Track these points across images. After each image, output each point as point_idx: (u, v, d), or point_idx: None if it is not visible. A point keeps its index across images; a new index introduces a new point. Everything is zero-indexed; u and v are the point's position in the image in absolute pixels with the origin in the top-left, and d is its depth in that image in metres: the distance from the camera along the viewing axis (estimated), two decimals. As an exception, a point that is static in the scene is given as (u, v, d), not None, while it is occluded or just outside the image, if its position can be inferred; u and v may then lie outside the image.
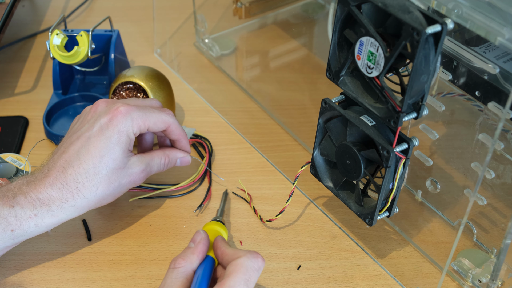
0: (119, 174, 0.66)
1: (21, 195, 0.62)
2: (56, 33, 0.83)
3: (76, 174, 0.64)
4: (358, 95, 0.62)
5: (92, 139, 0.65)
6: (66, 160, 0.64)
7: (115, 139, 0.65)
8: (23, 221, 0.62)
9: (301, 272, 0.69)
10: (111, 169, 0.65)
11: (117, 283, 0.67)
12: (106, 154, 0.64)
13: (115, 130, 0.65)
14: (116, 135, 0.65)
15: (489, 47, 0.64)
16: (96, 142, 0.64)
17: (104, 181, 0.65)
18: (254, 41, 1.01)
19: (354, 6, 0.57)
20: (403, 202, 0.74)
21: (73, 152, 0.64)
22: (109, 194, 0.66)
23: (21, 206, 0.62)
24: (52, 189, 0.63)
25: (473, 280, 0.66)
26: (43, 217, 0.63)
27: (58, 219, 0.64)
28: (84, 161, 0.64)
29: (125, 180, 0.66)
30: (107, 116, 0.66)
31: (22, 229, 0.62)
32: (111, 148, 0.65)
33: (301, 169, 0.70)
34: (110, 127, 0.65)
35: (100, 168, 0.64)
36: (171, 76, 0.89)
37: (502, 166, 0.67)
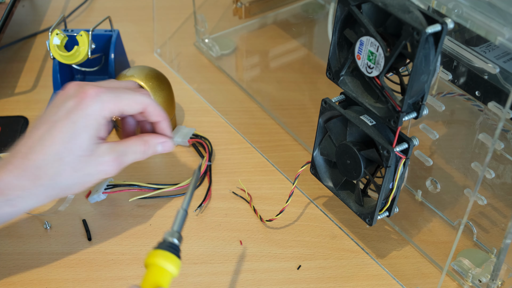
0: (86, 162, 0.60)
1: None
2: (56, 33, 0.83)
3: (38, 160, 0.59)
4: (358, 95, 0.62)
5: (57, 124, 0.59)
6: (29, 146, 0.59)
7: (82, 123, 0.59)
8: None
9: (301, 272, 0.69)
10: (76, 156, 0.59)
11: (117, 283, 0.67)
12: (71, 139, 0.59)
13: (82, 113, 0.59)
14: (83, 119, 0.59)
15: (489, 47, 0.64)
16: (60, 126, 0.59)
17: (67, 169, 0.59)
18: (254, 41, 1.01)
19: (354, 5, 0.57)
20: (403, 202, 0.74)
21: (36, 138, 0.60)
22: (74, 184, 0.60)
23: None
24: (12, 176, 0.58)
25: (473, 280, 0.66)
26: (1, 207, 0.59)
27: (17, 209, 0.59)
28: (47, 146, 0.59)
29: (93, 169, 0.61)
30: (75, 99, 0.60)
31: None
32: (77, 134, 0.59)
33: (301, 169, 0.70)
34: (77, 111, 0.59)
35: (63, 155, 0.59)
36: (171, 76, 0.89)
37: (502, 166, 0.67)
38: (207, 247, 0.71)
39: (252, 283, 0.67)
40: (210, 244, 0.71)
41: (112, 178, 0.76)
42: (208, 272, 0.68)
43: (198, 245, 0.71)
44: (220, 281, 0.68)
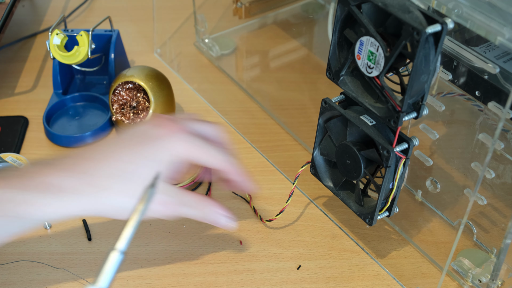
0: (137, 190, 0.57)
1: (38, 178, 0.56)
2: (56, 33, 0.83)
3: (102, 170, 0.57)
4: (358, 94, 0.62)
5: (134, 144, 0.58)
6: (101, 154, 0.58)
7: (158, 156, 0.58)
8: (28, 207, 0.56)
9: (301, 272, 0.69)
10: (138, 182, 0.57)
11: (117, 283, 0.67)
12: (139, 165, 0.57)
13: (163, 146, 0.58)
14: (161, 152, 0.58)
15: (489, 47, 0.64)
16: (136, 148, 0.58)
17: (124, 189, 0.57)
18: (254, 41, 1.01)
19: (354, 5, 0.57)
20: (403, 202, 0.74)
21: (109, 149, 0.58)
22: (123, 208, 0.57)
23: (28, 191, 0.56)
24: (71, 178, 0.56)
25: (473, 280, 0.66)
26: (48, 205, 0.56)
27: (65, 211, 0.56)
28: (116, 161, 0.57)
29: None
30: (164, 130, 0.59)
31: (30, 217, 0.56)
32: (147, 162, 0.57)
33: (301, 169, 0.70)
34: (159, 141, 0.58)
35: (125, 175, 0.57)
36: (171, 76, 0.89)
37: (502, 166, 0.67)
38: (207, 247, 0.71)
39: (252, 283, 0.67)
40: (210, 244, 0.71)
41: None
42: (208, 272, 0.68)
43: (198, 245, 0.71)
44: (220, 281, 0.68)
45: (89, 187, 0.56)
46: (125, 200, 0.57)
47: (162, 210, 0.59)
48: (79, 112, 0.88)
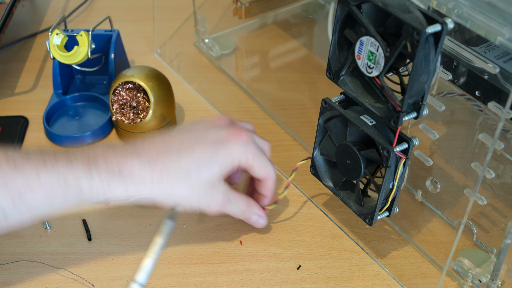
0: (203, 190, 0.62)
1: (102, 160, 0.60)
2: (56, 33, 0.83)
3: (169, 162, 0.61)
4: (358, 94, 0.62)
5: (201, 143, 0.62)
6: (166, 146, 0.62)
7: (223, 157, 0.62)
8: (94, 189, 0.59)
9: (301, 272, 0.69)
10: (201, 180, 0.62)
11: (117, 283, 0.67)
12: (206, 164, 0.61)
13: (228, 149, 0.62)
14: (225, 155, 0.62)
15: (489, 47, 0.64)
16: (204, 147, 0.62)
17: (188, 184, 0.61)
18: (254, 41, 1.01)
19: (354, 5, 0.57)
20: (403, 202, 0.74)
21: (177, 143, 0.62)
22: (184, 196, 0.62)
23: (98, 172, 0.59)
24: (137, 164, 0.60)
25: (473, 280, 0.66)
26: (115, 192, 0.60)
27: (128, 195, 0.60)
28: (183, 156, 0.61)
29: (204, 199, 0.63)
30: (229, 132, 0.64)
31: (90, 196, 0.59)
32: (214, 162, 0.62)
33: (300, 162, 0.70)
34: (225, 144, 0.63)
35: (192, 172, 0.61)
36: (171, 76, 0.89)
37: (502, 166, 0.67)
38: (207, 247, 0.71)
39: (252, 283, 0.67)
40: (210, 244, 0.71)
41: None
42: (208, 272, 0.68)
43: (198, 245, 0.71)
44: (220, 281, 0.68)
45: (158, 177, 0.60)
46: (185, 194, 0.62)
47: (215, 207, 0.64)
48: (79, 112, 0.88)
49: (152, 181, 0.61)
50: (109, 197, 0.60)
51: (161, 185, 0.61)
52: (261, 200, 0.70)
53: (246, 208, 0.67)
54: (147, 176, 0.60)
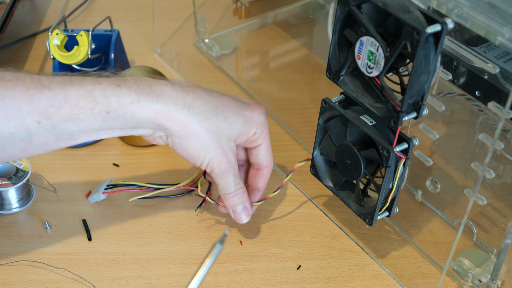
0: (222, 140, 0.63)
1: (132, 79, 0.59)
2: (56, 33, 0.83)
3: (201, 95, 0.62)
4: (358, 94, 0.62)
5: (227, 95, 0.65)
6: (198, 86, 0.63)
7: (245, 116, 0.64)
8: (123, 104, 0.58)
9: (301, 272, 0.69)
10: (226, 125, 0.63)
11: (117, 283, 0.67)
12: (232, 114, 0.63)
13: (250, 112, 0.65)
14: (248, 116, 0.64)
15: (489, 46, 0.64)
16: (230, 100, 0.64)
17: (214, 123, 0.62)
18: (254, 41, 1.01)
19: (354, 5, 0.57)
20: (403, 202, 0.74)
21: (207, 89, 0.64)
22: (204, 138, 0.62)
23: (128, 88, 0.58)
24: (169, 87, 0.60)
25: (473, 280, 0.66)
26: (144, 106, 0.59)
27: (156, 116, 0.59)
28: (214, 97, 0.63)
29: (220, 153, 0.63)
30: (249, 101, 0.67)
31: (117, 114, 0.58)
32: (238, 115, 0.63)
33: (298, 164, 0.70)
34: (247, 107, 0.65)
35: (220, 113, 0.62)
36: (171, 76, 0.89)
37: (502, 166, 0.67)
38: (207, 247, 0.71)
39: (252, 283, 0.67)
40: (210, 244, 0.71)
41: (112, 178, 0.76)
42: (208, 272, 0.68)
43: (198, 245, 0.71)
44: (220, 281, 0.68)
45: (189, 104, 0.61)
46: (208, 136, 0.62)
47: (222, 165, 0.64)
48: (79, 112, 0.87)
49: (184, 105, 0.60)
50: (137, 116, 0.59)
51: (190, 112, 0.60)
52: (251, 195, 0.69)
53: (240, 190, 0.66)
54: (179, 99, 0.60)
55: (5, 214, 0.73)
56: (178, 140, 0.62)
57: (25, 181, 0.72)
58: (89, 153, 0.81)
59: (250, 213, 0.68)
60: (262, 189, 0.70)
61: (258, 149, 0.67)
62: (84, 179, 0.78)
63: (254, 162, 0.69)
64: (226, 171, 0.64)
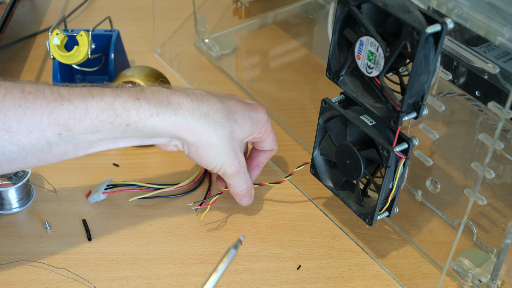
0: (234, 144, 0.65)
1: (150, 91, 0.61)
2: (56, 33, 0.83)
3: (214, 104, 0.64)
4: (358, 94, 0.62)
5: (233, 98, 0.67)
6: (207, 91, 0.65)
7: (252, 118, 0.66)
8: (143, 118, 0.60)
9: (301, 272, 0.69)
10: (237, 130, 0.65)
11: (117, 283, 0.67)
12: (240, 117, 0.65)
13: (256, 113, 0.67)
14: (255, 117, 0.67)
15: (489, 47, 0.64)
16: (237, 103, 0.66)
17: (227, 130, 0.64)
18: (254, 41, 1.01)
19: (354, 5, 0.57)
20: (403, 202, 0.74)
21: (214, 93, 0.66)
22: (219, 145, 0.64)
23: (148, 101, 0.60)
24: (185, 97, 0.62)
25: (473, 280, 0.66)
26: (164, 119, 0.61)
27: (174, 127, 0.62)
28: (222, 101, 0.65)
29: (232, 156, 0.65)
30: (251, 101, 0.69)
31: (136, 127, 0.60)
32: (245, 117, 0.66)
33: (297, 168, 0.71)
34: (252, 108, 0.67)
35: (229, 116, 0.64)
36: (171, 76, 0.89)
37: (502, 166, 0.67)
38: (207, 247, 0.71)
39: (252, 283, 0.67)
40: (210, 244, 0.71)
41: (112, 178, 0.76)
42: (208, 272, 0.68)
43: (198, 245, 0.71)
44: (220, 281, 0.67)
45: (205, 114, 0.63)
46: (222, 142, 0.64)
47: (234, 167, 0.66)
48: (79, 112, 0.87)
49: (201, 115, 0.62)
50: (156, 129, 0.61)
51: (206, 122, 0.63)
52: (250, 171, 0.72)
53: (250, 185, 0.70)
54: (196, 109, 0.62)
55: (5, 214, 0.73)
56: (195, 148, 0.64)
57: (25, 181, 0.72)
58: (89, 153, 0.81)
59: (253, 197, 0.72)
60: (262, 166, 0.73)
61: (264, 142, 0.70)
62: (84, 179, 0.78)
63: (259, 148, 0.72)
64: (238, 171, 0.67)
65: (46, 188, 0.76)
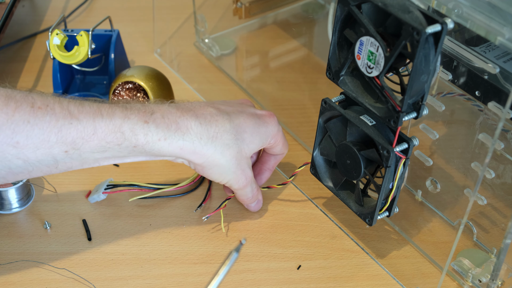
0: (242, 161, 0.66)
1: (159, 114, 0.61)
2: (56, 33, 0.83)
3: (223, 125, 0.64)
4: (358, 94, 0.62)
5: (243, 112, 0.67)
6: (218, 108, 0.65)
7: (262, 133, 0.67)
8: (150, 142, 0.61)
9: (301, 272, 0.69)
10: (244, 148, 0.65)
11: (117, 283, 0.67)
12: (248, 134, 0.66)
13: (265, 127, 0.67)
14: (264, 131, 0.67)
15: (489, 46, 0.64)
16: (247, 117, 0.66)
17: (235, 150, 0.65)
18: (254, 41, 1.01)
19: (354, 5, 0.57)
20: (403, 202, 0.74)
21: (224, 108, 0.66)
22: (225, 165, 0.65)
23: (156, 125, 0.61)
24: (194, 122, 0.63)
25: (473, 280, 0.66)
26: (171, 143, 0.61)
27: (181, 151, 0.62)
28: (231, 120, 0.65)
29: (239, 173, 0.66)
30: (262, 112, 0.69)
31: (143, 149, 0.61)
32: (254, 134, 0.66)
33: (298, 169, 0.71)
34: (262, 121, 0.67)
35: (237, 136, 0.65)
36: (171, 76, 0.89)
37: (502, 166, 0.67)
38: (207, 247, 0.71)
39: (252, 283, 0.67)
40: (210, 244, 0.71)
41: (112, 178, 0.76)
42: (208, 272, 0.68)
43: (198, 245, 0.71)
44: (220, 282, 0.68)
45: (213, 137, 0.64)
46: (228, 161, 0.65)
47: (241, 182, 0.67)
48: (79, 112, 0.87)
49: (208, 138, 0.63)
50: (162, 152, 0.62)
51: (214, 144, 0.63)
52: (260, 175, 0.73)
53: (256, 192, 0.70)
54: (204, 133, 0.63)
55: (5, 214, 0.73)
56: (200, 168, 0.65)
57: (25, 181, 0.72)
58: (89, 153, 0.81)
59: (261, 203, 0.73)
60: (272, 170, 0.74)
61: (274, 148, 0.71)
62: (84, 179, 0.78)
63: (269, 153, 0.73)
64: (244, 186, 0.68)
65: (46, 188, 0.76)
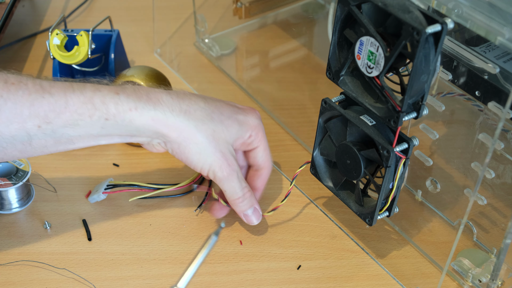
0: (220, 144, 0.64)
1: (131, 88, 0.62)
2: (56, 33, 0.83)
3: (196, 102, 0.63)
4: (358, 94, 0.62)
5: (222, 102, 0.66)
6: (192, 93, 0.65)
7: (240, 121, 0.65)
8: (122, 112, 0.60)
9: (301, 272, 0.69)
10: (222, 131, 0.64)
11: (117, 283, 0.67)
12: (227, 118, 0.64)
13: (244, 117, 0.66)
14: (243, 120, 0.66)
15: (489, 46, 0.64)
16: (225, 105, 0.66)
17: (210, 127, 0.63)
18: (254, 41, 1.01)
19: (354, 5, 0.57)
20: (403, 202, 0.74)
21: (202, 96, 0.65)
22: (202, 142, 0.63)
23: (127, 95, 0.60)
24: (165, 95, 0.62)
25: (473, 280, 0.66)
26: (142, 114, 0.61)
27: (153, 123, 0.61)
28: (209, 103, 0.64)
29: (219, 157, 0.64)
30: (243, 106, 0.68)
31: (115, 121, 0.60)
32: (233, 120, 0.65)
33: (299, 169, 0.71)
34: (242, 112, 0.66)
35: (216, 118, 0.64)
36: (171, 76, 0.89)
37: (502, 166, 0.67)
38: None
39: (252, 283, 0.67)
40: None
41: (112, 178, 0.76)
42: (208, 272, 0.68)
43: (198, 245, 0.71)
44: (220, 281, 0.68)
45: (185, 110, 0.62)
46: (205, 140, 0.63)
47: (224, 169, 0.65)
48: (79, 112, 0.87)
49: (180, 111, 0.62)
50: (135, 123, 0.61)
51: (186, 118, 0.62)
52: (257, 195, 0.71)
53: (248, 193, 0.67)
54: (175, 105, 0.62)
55: (5, 214, 0.73)
56: (177, 146, 0.63)
57: (25, 181, 0.72)
58: (89, 153, 0.81)
59: (260, 214, 0.69)
60: (261, 189, 0.71)
61: (255, 151, 0.68)
62: (84, 179, 0.78)
63: (253, 164, 0.70)
64: (229, 174, 0.65)
65: (46, 188, 0.76)
